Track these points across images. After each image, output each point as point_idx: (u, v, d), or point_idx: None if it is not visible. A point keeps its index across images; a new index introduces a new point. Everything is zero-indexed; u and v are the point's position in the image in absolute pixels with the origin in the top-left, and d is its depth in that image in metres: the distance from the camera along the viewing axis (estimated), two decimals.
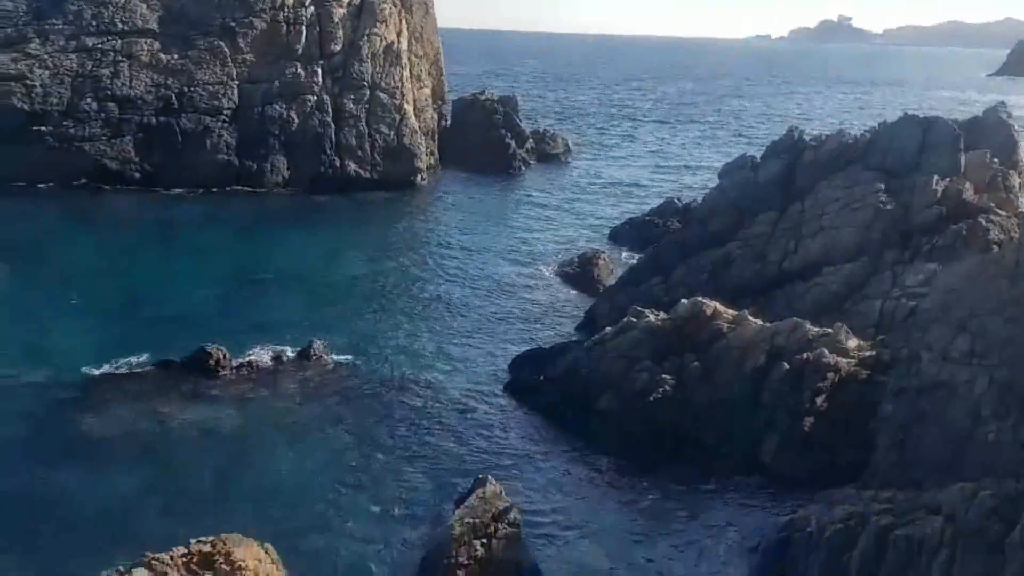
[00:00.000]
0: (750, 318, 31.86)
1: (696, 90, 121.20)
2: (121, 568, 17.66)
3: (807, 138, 42.48)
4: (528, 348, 37.75)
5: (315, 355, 35.49)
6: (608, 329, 34.14)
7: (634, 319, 33.07)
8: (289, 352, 35.50)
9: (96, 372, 33.01)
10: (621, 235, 56.05)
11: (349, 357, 36.13)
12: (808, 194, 39.05)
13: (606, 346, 32.98)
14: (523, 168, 74.77)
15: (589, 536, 25.86)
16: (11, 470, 26.71)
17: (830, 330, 30.62)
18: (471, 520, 23.93)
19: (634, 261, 47.15)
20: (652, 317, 32.72)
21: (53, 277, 42.94)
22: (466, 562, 23.03)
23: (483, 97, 78.95)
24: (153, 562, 17.96)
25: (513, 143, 75.81)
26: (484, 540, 23.46)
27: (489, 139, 75.04)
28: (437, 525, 25.15)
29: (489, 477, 25.92)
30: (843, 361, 29.37)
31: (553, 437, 31.21)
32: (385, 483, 27.54)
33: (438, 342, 38.60)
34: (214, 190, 60.18)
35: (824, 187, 38.80)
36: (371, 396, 33.17)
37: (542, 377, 33.79)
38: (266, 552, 19.58)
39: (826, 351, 29.44)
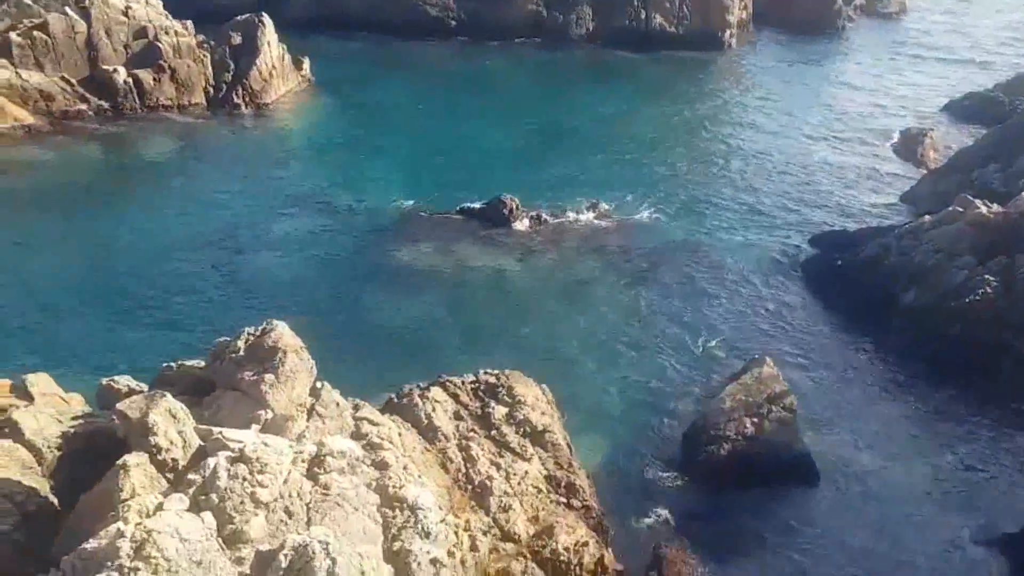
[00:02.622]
0: None
1: None
2: (421, 384, 19.70)
3: None
4: (831, 228, 35.16)
5: (602, 212, 35.76)
6: (927, 217, 30.73)
7: (961, 209, 29.27)
8: (578, 206, 36.07)
9: (405, 208, 35.99)
10: (957, 111, 49.10)
11: (638, 217, 35.95)
12: None
13: (922, 236, 29.68)
14: (848, 27, 67.18)
15: (868, 436, 24.28)
16: (335, 285, 30.48)
17: None
18: (743, 397, 23.43)
19: (970, 142, 41.25)
20: (983, 208, 28.76)
21: (371, 117, 46.80)
22: (733, 436, 22.75)
23: None
24: (448, 384, 19.85)
25: None
26: (755, 420, 22.94)
27: None
28: (707, 397, 24.96)
29: (767, 358, 25.04)
30: None
31: (843, 325, 29.20)
32: (660, 348, 27.64)
33: (734, 211, 37.10)
34: (520, 41, 61.06)
35: None
36: (659, 259, 32.97)
37: (840, 262, 31.39)
38: (543, 392, 20.75)
39: None
